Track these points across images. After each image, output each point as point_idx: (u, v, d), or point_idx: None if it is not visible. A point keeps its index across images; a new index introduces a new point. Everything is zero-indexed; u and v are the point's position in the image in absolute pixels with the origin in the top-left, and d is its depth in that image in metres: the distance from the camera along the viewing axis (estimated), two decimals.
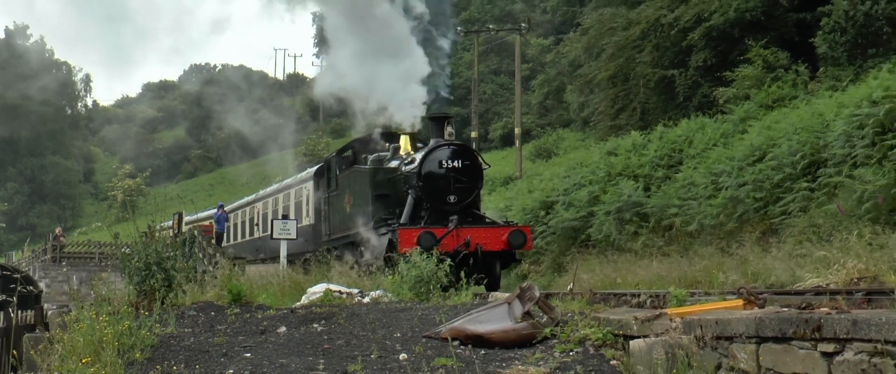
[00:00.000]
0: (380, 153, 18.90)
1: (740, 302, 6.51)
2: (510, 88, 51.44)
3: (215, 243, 26.89)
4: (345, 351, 7.38)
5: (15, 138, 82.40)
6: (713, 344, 5.90)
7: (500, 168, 38.91)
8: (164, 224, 19.09)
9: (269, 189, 28.83)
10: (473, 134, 39.95)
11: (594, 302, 9.51)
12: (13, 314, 9.13)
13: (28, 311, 9.81)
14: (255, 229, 28.75)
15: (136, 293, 9.51)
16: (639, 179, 19.80)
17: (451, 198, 16.24)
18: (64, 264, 39.82)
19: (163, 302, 9.23)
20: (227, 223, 30.37)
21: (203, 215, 36.93)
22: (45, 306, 10.96)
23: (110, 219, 65.85)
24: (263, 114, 52.21)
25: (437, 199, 16.27)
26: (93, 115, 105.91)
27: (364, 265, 15.85)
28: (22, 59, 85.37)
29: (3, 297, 10.05)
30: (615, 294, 10.58)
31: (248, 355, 7.33)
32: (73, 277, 37.67)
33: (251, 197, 31.17)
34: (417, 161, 16.56)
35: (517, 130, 37.58)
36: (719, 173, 16.78)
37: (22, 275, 12.23)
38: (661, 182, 19.22)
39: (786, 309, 5.80)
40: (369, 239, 17.08)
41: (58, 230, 45.27)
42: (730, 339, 5.71)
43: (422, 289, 10.63)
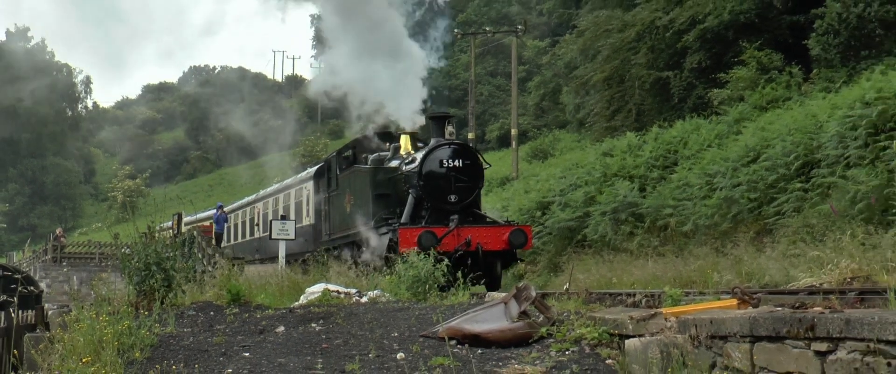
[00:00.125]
0: (380, 153, 18.79)
1: (735, 302, 6.55)
2: (507, 90, 51.48)
3: (214, 243, 26.89)
4: (343, 351, 7.41)
5: (16, 140, 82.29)
6: (708, 343, 5.93)
7: (497, 169, 38.87)
8: (163, 225, 19.13)
9: (270, 189, 28.67)
10: (470, 135, 39.94)
11: (590, 302, 9.55)
12: (14, 314, 9.16)
13: (29, 311, 9.83)
14: (255, 229, 28.63)
15: (136, 293, 9.52)
16: (634, 179, 19.88)
17: (452, 197, 16.17)
18: (64, 264, 39.76)
19: (162, 302, 9.25)
20: (226, 224, 30.31)
21: (202, 215, 36.91)
22: (45, 306, 10.97)
23: (110, 220, 65.69)
24: (262, 115, 52.14)
25: (437, 198, 16.19)
26: (93, 116, 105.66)
27: (362, 265, 15.81)
28: (21, 62, 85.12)
29: (4, 297, 10.07)
30: (611, 294, 10.66)
31: (247, 354, 7.36)
32: (74, 277, 37.64)
33: (251, 197, 31.02)
34: (418, 160, 16.47)
35: (514, 132, 37.61)
36: (714, 174, 16.85)
37: (23, 275, 12.24)
38: (656, 183, 19.29)
39: (780, 309, 5.84)
40: (370, 239, 17.01)
41: (58, 231, 45.21)
42: (724, 338, 5.73)
43: (419, 289, 10.60)
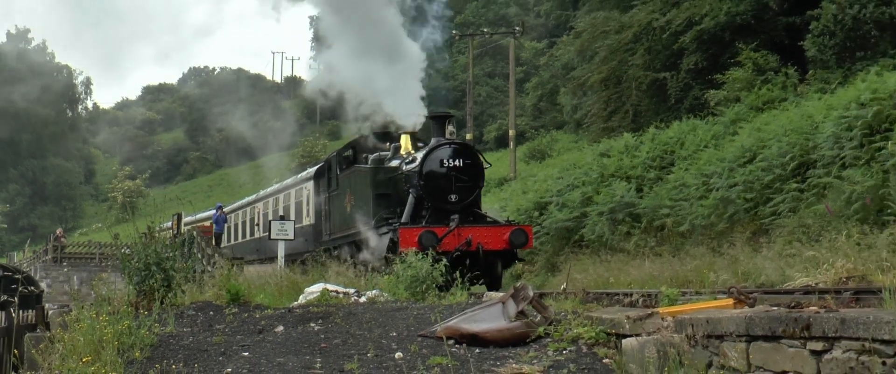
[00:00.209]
0: (380, 153, 18.73)
1: (731, 301, 6.55)
2: (505, 91, 51.49)
3: (214, 243, 26.86)
4: (341, 350, 7.44)
5: (16, 141, 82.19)
6: (704, 343, 5.95)
7: (495, 170, 38.87)
8: (163, 225, 19.13)
9: (270, 189, 28.55)
10: (469, 136, 39.99)
11: (587, 301, 9.59)
12: (14, 314, 9.18)
13: (29, 311, 9.84)
14: (255, 229, 28.56)
15: (136, 293, 9.56)
16: (631, 180, 19.90)
17: (453, 197, 16.13)
18: (65, 264, 39.68)
19: (162, 302, 9.29)
20: (226, 224, 30.27)
21: (202, 215, 36.86)
22: (46, 305, 11.01)
23: (110, 220, 65.53)
24: (261, 116, 52.13)
25: (438, 198, 16.15)
26: (93, 117, 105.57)
27: (361, 265, 15.81)
28: (20, 63, 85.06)
29: (5, 297, 10.08)
30: (608, 294, 10.72)
31: (246, 354, 7.40)
32: (74, 277, 37.59)
33: (251, 197, 30.92)
34: (418, 160, 16.42)
35: (511, 132, 37.67)
36: (710, 174, 16.88)
37: (23, 275, 12.26)
38: (653, 183, 19.31)
39: (775, 308, 5.86)
40: (370, 239, 16.96)
41: (59, 231, 45.13)
42: (720, 338, 5.76)
43: (417, 289, 10.63)
